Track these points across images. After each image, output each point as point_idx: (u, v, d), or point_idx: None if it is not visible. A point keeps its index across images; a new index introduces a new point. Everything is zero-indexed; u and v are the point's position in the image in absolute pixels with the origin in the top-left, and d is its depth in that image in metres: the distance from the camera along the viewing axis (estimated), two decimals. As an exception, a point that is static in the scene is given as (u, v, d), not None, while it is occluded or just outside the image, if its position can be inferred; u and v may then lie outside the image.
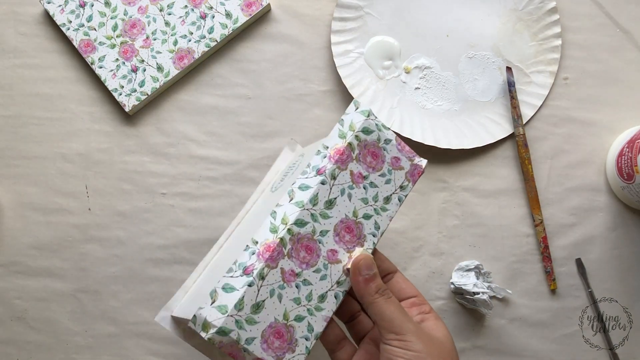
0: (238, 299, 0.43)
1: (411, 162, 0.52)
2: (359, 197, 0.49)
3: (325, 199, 0.47)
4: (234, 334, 0.43)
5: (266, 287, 0.44)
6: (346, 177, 0.49)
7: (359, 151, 0.49)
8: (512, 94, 0.67)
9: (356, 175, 0.49)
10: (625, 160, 0.63)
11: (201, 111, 0.69)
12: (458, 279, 0.65)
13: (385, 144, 0.51)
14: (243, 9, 0.68)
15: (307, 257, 0.46)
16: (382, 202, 0.50)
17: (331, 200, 0.48)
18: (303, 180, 0.49)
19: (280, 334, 0.44)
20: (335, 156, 0.48)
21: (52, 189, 0.69)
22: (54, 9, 0.69)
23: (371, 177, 0.50)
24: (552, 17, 0.68)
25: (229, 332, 0.42)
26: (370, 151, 0.50)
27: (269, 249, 0.45)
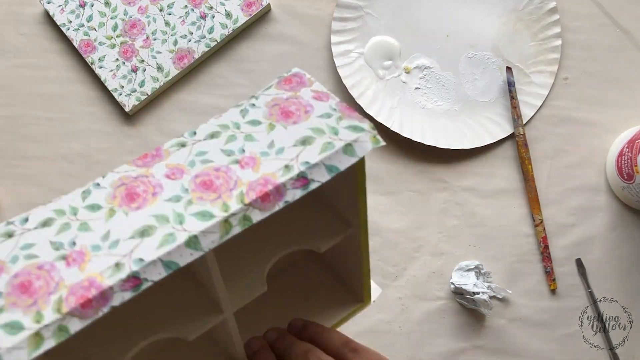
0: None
1: None
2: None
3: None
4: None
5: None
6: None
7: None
8: (512, 94, 0.67)
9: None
10: (625, 160, 0.63)
11: (201, 111, 0.69)
12: (458, 279, 0.65)
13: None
14: (243, 9, 0.68)
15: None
16: None
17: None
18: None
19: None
20: None
21: (52, 189, 0.69)
22: (54, 9, 0.69)
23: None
24: (552, 17, 0.68)
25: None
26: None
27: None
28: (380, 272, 0.67)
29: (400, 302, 0.67)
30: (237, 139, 0.36)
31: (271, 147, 0.36)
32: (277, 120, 0.37)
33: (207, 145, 0.36)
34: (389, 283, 0.67)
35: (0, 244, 0.33)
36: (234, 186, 0.34)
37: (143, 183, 0.35)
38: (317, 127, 0.36)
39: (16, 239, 0.33)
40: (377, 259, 0.67)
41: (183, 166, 0.35)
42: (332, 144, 0.35)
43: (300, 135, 0.36)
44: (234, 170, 0.35)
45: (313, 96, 0.37)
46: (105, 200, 0.34)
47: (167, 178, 0.35)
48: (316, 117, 0.37)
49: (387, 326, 0.66)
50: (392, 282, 0.67)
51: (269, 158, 0.35)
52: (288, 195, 0.34)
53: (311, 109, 0.37)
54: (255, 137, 0.36)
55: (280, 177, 0.34)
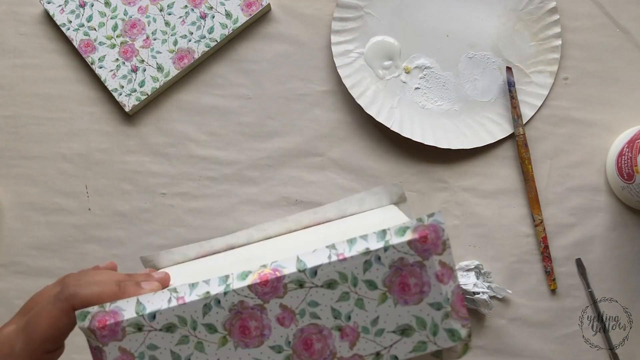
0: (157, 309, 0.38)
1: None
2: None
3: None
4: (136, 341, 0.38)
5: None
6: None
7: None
8: (512, 94, 0.67)
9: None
10: (625, 160, 0.63)
11: (201, 111, 0.69)
12: (458, 279, 0.65)
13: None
14: (243, 9, 0.68)
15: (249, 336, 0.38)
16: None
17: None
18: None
19: None
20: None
21: (52, 189, 0.69)
22: (54, 9, 0.69)
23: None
24: (552, 17, 0.68)
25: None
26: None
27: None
28: (380, 272, 0.67)
29: (400, 302, 0.67)
30: (349, 299, 0.37)
31: (374, 325, 0.37)
32: (392, 292, 0.37)
33: (321, 296, 0.37)
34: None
35: (129, 334, 0.37)
36: (329, 357, 0.37)
37: (256, 319, 0.37)
38: (422, 317, 0.37)
39: (144, 335, 0.38)
40: (377, 259, 0.67)
41: (294, 312, 0.37)
42: (425, 344, 0.37)
43: (404, 322, 0.37)
44: (334, 338, 0.37)
45: (437, 272, 0.37)
46: (221, 325, 0.38)
47: (277, 322, 0.37)
48: (427, 303, 0.37)
49: (387, 326, 0.66)
50: (392, 282, 0.67)
51: (367, 336, 0.37)
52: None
53: (428, 290, 0.37)
54: (365, 305, 0.37)
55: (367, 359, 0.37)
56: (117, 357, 0.38)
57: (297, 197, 0.68)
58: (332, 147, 0.68)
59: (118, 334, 0.38)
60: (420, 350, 0.37)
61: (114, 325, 0.38)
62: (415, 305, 0.37)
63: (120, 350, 0.38)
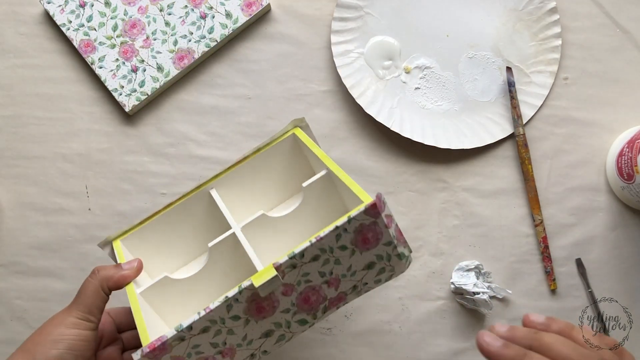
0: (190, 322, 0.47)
1: None
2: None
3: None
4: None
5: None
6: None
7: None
8: (512, 94, 0.67)
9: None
10: (625, 160, 0.63)
11: (201, 111, 0.69)
12: (458, 279, 0.65)
13: None
14: (243, 9, 0.68)
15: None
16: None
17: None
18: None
19: None
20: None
21: (52, 189, 0.69)
22: (54, 9, 0.69)
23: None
24: (552, 17, 0.68)
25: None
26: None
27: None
28: (380, 272, 0.67)
29: (400, 302, 0.67)
30: (330, 262, 0.48)
31: (349, 270, 0.49)
32: (357, 247, 0.48)
33: (309, 268, 0.48)
34: (389, 283, 0.67)
35: (176, 346, 0.46)
36: (322, 301, 0.49)
37: (267, 299, 0.48)
38: (380, 254, 0.49)
39: (187, 342, 0.47)
40: (377, 259, 0.67)
41: (293, 285, 0.48)
42: (384, 269, 0.50)
43: (368, 261, 0.49)
44: (324, 289, 0.49)
45: (385, 223, 0.48)
46: (242, 312, 0.48)
47: (283, 295, 0.48)
48: (382, 244, 0.48)
49: (387, 326, 0.66)
50: (392, 282, 0.67)
51: (346, 279, 0.49)
52: (349, 299, 0.51)
53: (381, 236, 0.48)
54: (341, 261, 0.48)
55: (349, 294, 0.50)
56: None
57: (297, 197, 0.68)
58: (332, 147, 0.68)
59: (167, 349, 0.46)
60: (381, 273, 0.50)
61: (161, 345, 0.46)
62: (374, 248, 0.48)
63: (172, 357, 0.47)
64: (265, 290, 0.47)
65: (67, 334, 0.47)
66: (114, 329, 0.53)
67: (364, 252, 0.48)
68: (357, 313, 0.67)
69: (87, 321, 0.48)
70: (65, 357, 0.47)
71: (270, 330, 0.49)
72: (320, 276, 0.48)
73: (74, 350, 0.47)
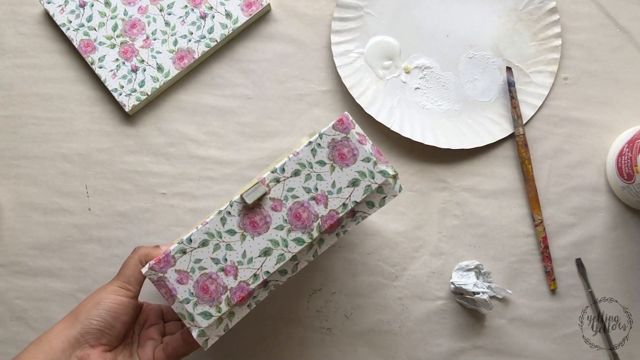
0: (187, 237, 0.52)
1: None
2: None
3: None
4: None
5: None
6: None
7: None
8: (512, 94, 0.67)
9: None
10: (625, 160, 0.63)
11: (201, 111, 0.69)
12: (458, 278, 0.65)
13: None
14: (243, 9, 0.68)
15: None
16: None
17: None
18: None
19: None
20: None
21: (52, 189, 0.69)
22: (54, 9, 0.69)
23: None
24: (552, 17, 0.68)
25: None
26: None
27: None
28: (380, 272, 0.67)
29: (400, 302, 0.67)
30: (312, 177, 0.52)
31: (334, 187, 0.52)
32: (336, 162, 0.52)
33: (293, 182, 0.52)
34: (389, 283, 0.67)
35: (179, 259, 0.51)
36: (314, 219, 0.52)
37: (258, 213, 0.52)
38: (361, 170, 0.52)
39: (189, 255, 0.52)
40: (377, 259, 0.67)
41: (281, 200, 0.52)
42: (370, 186, 0.52)
43: (351, 177, 0.52)
44: (313, 206, 0.52)
45: (358, 139, 0.52)
46: (237, 226, 0.52)
47: (273, 210, 0.52)
48: (361, 160, 0.52)
49: (387, 326, 0.66)
50: (392, 282, 0.67)
51: (333, 196, 0.52)
52: (346, 225, 0.54)
53: (357, 152, 0.52)
54: (323, 177, 0.52)
55: (340, 212, 0.52)
56: (176, 278, 0.51)
57: (297, 197, 0.68)
58: (332, 147, 0.68)
59: (170, 262, 0.51)
60: (368, 191, 0.52)
61: (165, 257, 0.51)
62: (353, 164, 0.52)
63: (177, 272, 0.51)
64: (251, 197, 0.51)
65: (107, 298, 0.54)
66: (160, 315, 0.59)
67: (344, 168, 0.52)
68: (357, 313, 0.67)
69: (125, 289, 0.55)
70: (104, 317, 0.53)
71: (268, 248, 0.52)
72: (305, 192, 0.52)
73: (112, 312, 0.53)
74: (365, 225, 0.67)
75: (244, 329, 0.67)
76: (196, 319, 0.51)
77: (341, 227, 0.54)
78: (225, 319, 0.53)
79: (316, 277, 0.67)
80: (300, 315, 0.67)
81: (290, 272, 0.54)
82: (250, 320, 0.67)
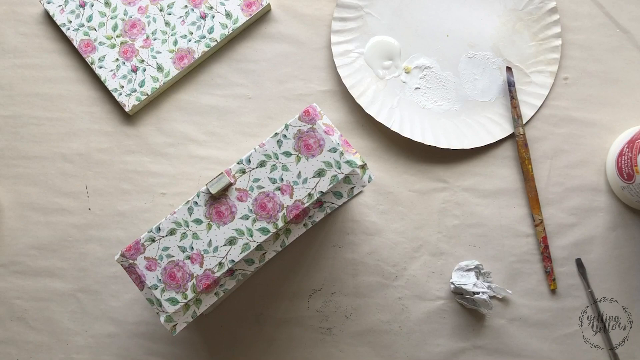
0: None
1: None
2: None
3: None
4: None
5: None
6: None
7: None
8: (512, 94, 0.67)
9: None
10: (625, 160, 0.63)
11: (201, 111, 0.69)
12: (458, 278, 0.65)
13: None
14: (243, 9, 0.68)
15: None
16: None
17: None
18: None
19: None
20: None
21: (52, 189, 0.69)
22: (54, 9, 0.69)
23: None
24: (552, 17, 0.68)
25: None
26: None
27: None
28: (380, 272, 0.67)
29: (400, 302, 0.67)
30: (277, 168, 0.53)
31: (299, 177, 0.53)
32: (302, 153, 0.53)
33: (259, 173, 0.53)
34: (389, 283, 0.67)
35: (148, 246, 0.53)
36: (280, 209, 0.53)
37: (224, 204, 0.53)
38: (327, 160, 0.53)
39: (157, 243, 0.53)
40: (377, 259, 0.67)
41: (246, 190, 0.53)
42: (336, 176, 0.53)
43: (317, 168, 0.53)
44: (278, 196, 0.53)
45: (325, 130, 0.53)
46: (204, 216, 0.53)
47: (239, 200, 0.53)
48: (327, 150, 0.53)
49: (387, 326, 0.66)
50: (392, 282, 0.67)
51: (298, 187, 0.53)
52: (314, 216, 0.54)
53: (323, 143, 0.53)
54: (289, 168, 0.53)
55: (306, 202, 0.53)
56: (145, 264, 0.53)
57: (297, 197, 0.68)
58: (332, 147, 0.68)
59: (140, 249, 0.53)
60: (334, 181, 0.53)
61: (135, 245, 0.53)
62: (320, 154, 0.53)
63: (146, 259, 0.53)
64: (215, 187, 0.52)
65: None
66: None
67: (310, 158, 0.53)
68: (357, 313, 0.67)
69: None
70: None
71: (233, 237, 0.53)
72: (271, 182, 0.53)
73: None
74: (365, 225, 0.67)
75: (244, 329, 0.67)
76: (163, 304, 0.53)
77: (308, 217, 0.54)
78: (192, 306, 0.53)
79: (316, 277, 0.67)
80: (300, 315, 0.67)
81: (257, 262, 0.54)
82: (250, 321, 0.67)
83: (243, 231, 0.53)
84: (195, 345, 0.66)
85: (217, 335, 0.67)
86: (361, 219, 0.68)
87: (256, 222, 0.53)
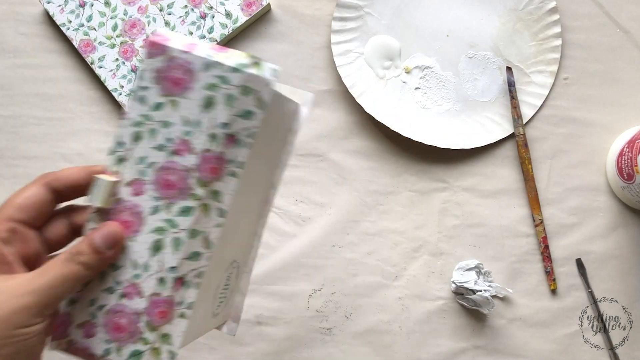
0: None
1: None
2: None
3: None
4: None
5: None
6: None
7: None
8: (512, 94, 0.67)
9: None
10: (625, 160, 0.63)
11: (201, 111, 0.69)
12: (458, 277, 0.65)
13: None
14: (243, 9, 0.68)
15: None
16: None
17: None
18: None
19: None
20: None
21: (52, 189, 0.69)
22: (54, 8, 0.69)
23: None
24: (552, 17, 0.68)
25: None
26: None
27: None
28: (380, 272, 0.67)
29: (400, 302, 0.67)
30: (157, 131, 0.40)
31: (188, 124, 0.40)
32: (174, 93, 0.40)
33: (140, 150, 0.40)
34: (389, 283, 0.67)
35: (73, 312, 0.41)
36: (188, 175, 0.40)
37: (123, 211, 0.41)
38: (207, 82, 0.39)
39: (80, 302, 0.41)
40: (377, 259, 0.67)
41: (138, 178, 0.40)
42: (230, 94, 0.39)
43: (201, 98, 0.40)
44: (178, 162, 0.40)
45: (184, 50, 0.40)
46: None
47: (136, 195, 0.40)
48: (200, 71, 0.39)
49: (387, 326, 0.66)
50: (392, 282, 0.67)
51: (194, 135, 0.40)
52: (233, 156, 0.40)
53: (191, 65, 0.39)
54: (170, 121, 0.40)
55: (215, 148, 0.40)
56: (82, 334, 0.41)
57: (297, 197, 0.68)
58: (332, 147, 0.68)
59: (67, 320, 0.41)
60: (231, 101, 0.39)
61: (59, 318, 0.41)
62: (195, 82, 0.40)
63: (79, 326, 0.41)
64: (98, 198, 0.40)
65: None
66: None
67: (187, 93, 0.40)
68: (357, 313, 0.67)
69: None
70: None
71: (155, 241, 0.40)
72: (160, 150, 0.40)
73: None
74: (365, 225, 0.67)
75: (244, 329, 0.67)
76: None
77: (229, 162, 0.40)
78: (163, 345, 0.41)
79: (316, 277, 0.67)
80: (300, 315, 0.67)
81: (205, 250, 0.41)
82: (250, 321, 0.67)
83: (162, 227, 0.40)
84: (195, 346, 0.66)
85: (217, 335, 0.67)
86: (361, 219, 0.68)
87: (170, 206, 0.40)
